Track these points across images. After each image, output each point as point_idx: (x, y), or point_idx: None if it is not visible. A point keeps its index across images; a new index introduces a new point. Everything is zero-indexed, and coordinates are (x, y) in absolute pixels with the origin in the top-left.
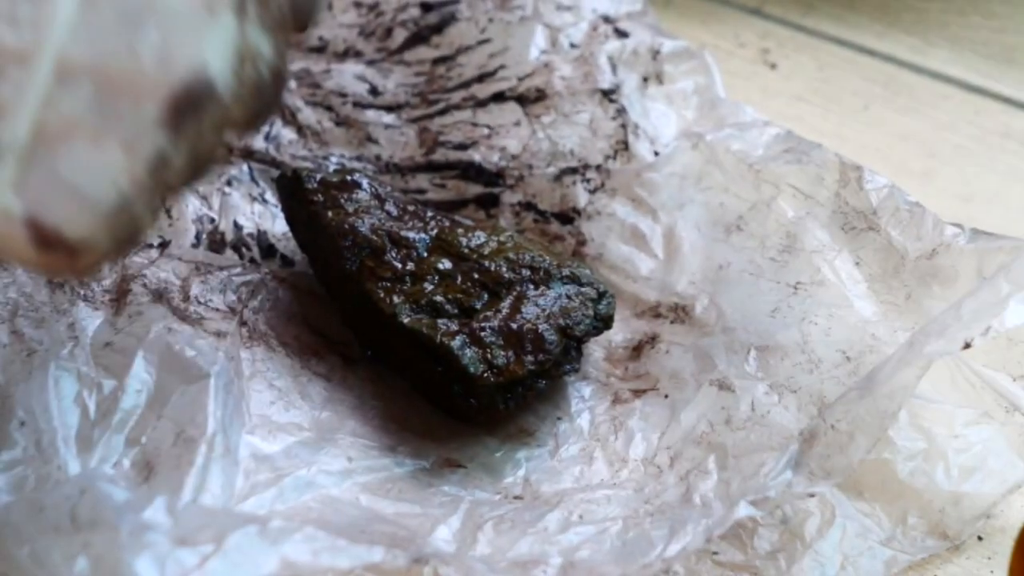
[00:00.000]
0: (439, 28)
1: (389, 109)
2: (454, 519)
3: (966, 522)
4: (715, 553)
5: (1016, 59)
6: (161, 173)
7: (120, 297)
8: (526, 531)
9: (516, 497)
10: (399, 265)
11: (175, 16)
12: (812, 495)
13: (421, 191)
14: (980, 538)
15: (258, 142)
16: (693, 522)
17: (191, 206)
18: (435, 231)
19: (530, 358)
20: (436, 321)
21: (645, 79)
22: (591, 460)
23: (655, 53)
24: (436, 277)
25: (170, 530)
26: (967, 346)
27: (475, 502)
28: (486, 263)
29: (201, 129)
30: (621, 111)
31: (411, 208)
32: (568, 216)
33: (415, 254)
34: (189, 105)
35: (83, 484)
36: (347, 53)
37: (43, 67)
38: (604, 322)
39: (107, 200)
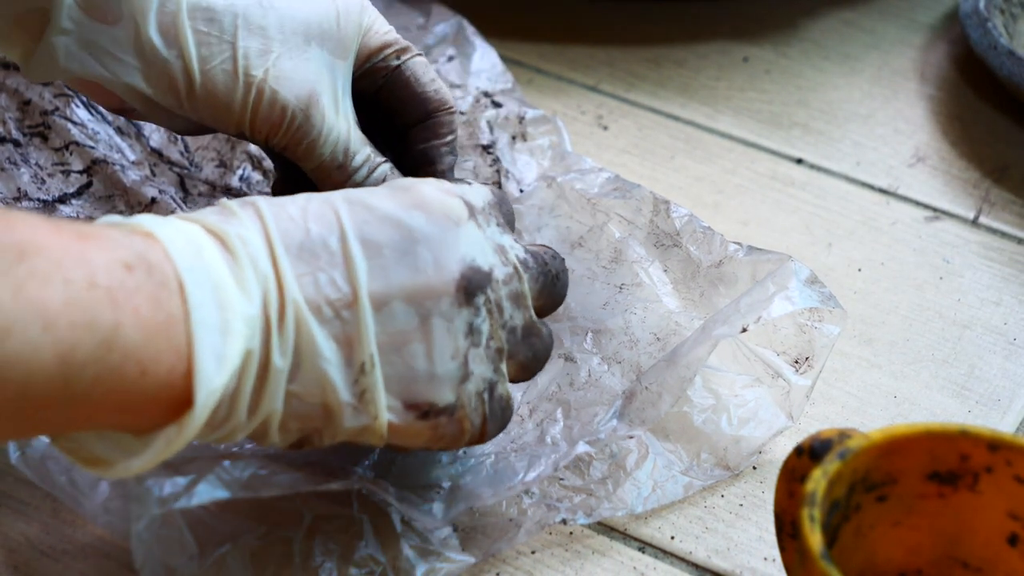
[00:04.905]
0: None
1: None
2: (374, 455)
3: (743, 457)
4: (561, 479)
5: (781, 123)
6: (478, 343)
7: None
8: (425, 463)
9: None
10: None
11: (432, 236)
12: (631, 437)
13: None
14: (755, 468)
15: (234, 181)
16: (546, 456)
17: None
18: None
19: None
20: None
21: (513, 137)
22: None
23: (520, 119)
24: None
25: (167, 463)
26: (744, 330)
27: None
28: None
29: (501, 304)
30: (496, 160)
31: None
32: None
33: None
34: (472, 286)
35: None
36: None
37: (365, 304)
38: None
39: (454, 374)
